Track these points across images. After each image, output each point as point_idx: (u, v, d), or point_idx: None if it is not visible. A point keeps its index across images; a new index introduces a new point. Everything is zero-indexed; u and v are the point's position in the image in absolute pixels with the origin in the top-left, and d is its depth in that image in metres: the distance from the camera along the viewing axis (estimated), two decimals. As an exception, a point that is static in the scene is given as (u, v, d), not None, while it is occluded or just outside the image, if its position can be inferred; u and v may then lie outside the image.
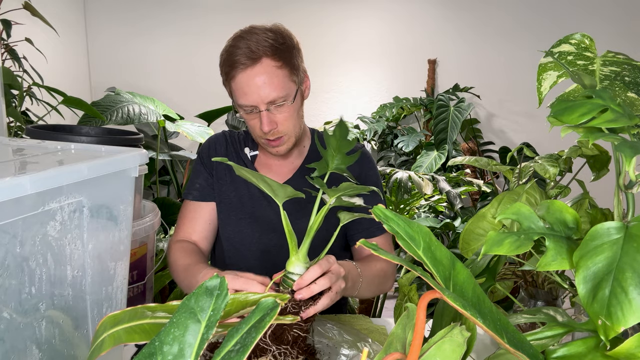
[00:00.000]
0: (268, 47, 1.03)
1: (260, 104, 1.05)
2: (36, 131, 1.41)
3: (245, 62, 1.02)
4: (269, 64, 1.03)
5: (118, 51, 3.42)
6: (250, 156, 1.24)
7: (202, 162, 1.24)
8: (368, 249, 0.44)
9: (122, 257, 0.84)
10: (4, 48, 2.13)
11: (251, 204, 1.20)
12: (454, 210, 2.23)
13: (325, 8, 3.31)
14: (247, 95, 1.05)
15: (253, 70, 1.03)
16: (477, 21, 3.24)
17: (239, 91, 1.06)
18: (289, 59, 1.06)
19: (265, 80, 1.03)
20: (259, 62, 1.02)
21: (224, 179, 1.22)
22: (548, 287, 0.93)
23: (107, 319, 0.44)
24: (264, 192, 1.19)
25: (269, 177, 0.82)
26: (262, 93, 1.04)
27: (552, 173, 0.97)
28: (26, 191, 0.60)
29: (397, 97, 3.26)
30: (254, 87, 1.03)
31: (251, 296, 0.51)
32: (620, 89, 0.61)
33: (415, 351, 0.37)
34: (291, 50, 1.08)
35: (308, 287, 0.79)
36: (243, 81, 1.04)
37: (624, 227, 0.46)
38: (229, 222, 1.21)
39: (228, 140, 1.26)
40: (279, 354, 0.74)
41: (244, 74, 1.03)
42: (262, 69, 1.03)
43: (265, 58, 1.03)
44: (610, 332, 0.41)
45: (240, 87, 1.05)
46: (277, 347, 0.75)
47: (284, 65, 1.05)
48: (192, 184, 1.23)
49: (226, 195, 1.21)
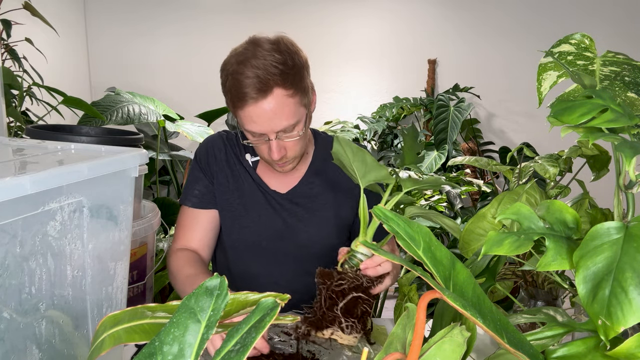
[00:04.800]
0: (278, 75, 0.96)
1: (270, 133, 1.00)
2: (36, 131, 1.41)
3: (255, 96, 0.96)
4: (280, 93, 0.97)
5: (118, 51, 3.42)
6: (251, 162, 1.19)
7: (200, 167, 1.19)
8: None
9: (122, 257, 0.84)
10: (4, 48, 2.13)
11: (256, 212, 1.17)
12: (454, 210, 2.23)
13: (325, 8, 3.31)
14: (256, 124, 1.00)
15: (264, 103, 0.96)
16: (477, 21, 3.24)
17: (247, 119, 1.00)
18: (299, 84, 1.00)
19: (276, 111, 0.97)
20: (270, 93, 0.96)
21: (226, 185, 1.18)
22: (548, 287, 0.93)
23: (107, 319, 0.44)
24: (270, 199, 1.18)
25: (370, 156, 0.84)
26: (273, 123, 0.99)
27: (552, 173, 0.97)
28: (26, 191, 0.60)
29: (397, 97, 3.26)
30: (264, 118, 0.98)
31: (251, 296, 0.51)
32: (620, 89, 0.61)
33: (415, 351, 0.37)
34: (301, 72, 1.01)
35: (374, 268, 0.83)
36: (252, 112, 0.98)
37: (624, 227, 0.46)
38: (233, 230, 1.18)
39: (226, 143, 1.21)
40: (346, 327, 0.78)
41: (254, 107, 0.97)
42: (273, 100, 0.96)
43: (276, 88, 0.96)
44: (610, 332, 0.41)
45: (248, 116, 0.99)
46: (346, 319, 0.78)
47: (295, 92, 0.99)
48: (190, 189, 1.19)
49: (229, 202, 1.18)
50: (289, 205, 1.18)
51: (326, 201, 1.19)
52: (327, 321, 0.78)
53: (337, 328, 0.78)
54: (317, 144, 1.23)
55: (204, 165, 1.19)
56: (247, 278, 1.20)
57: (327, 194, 1.19)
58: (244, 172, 1.19)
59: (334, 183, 1.20)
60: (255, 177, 1.19)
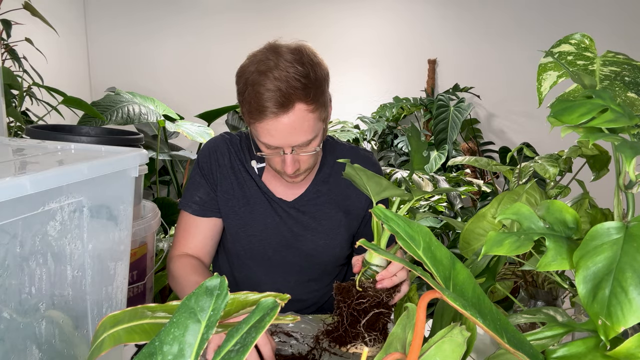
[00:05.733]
0: (301, 89, 0.92)
1: (286, 147, 0.98)
2: (36, 131, 1.41)
3: (275, 111, 0.92)
4: (301, 108, 0.94)
5: (118, 51, 3.42)
6: (257, 169, 1.15)
7: (202, 173, 1.15)
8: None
9: (122, 257, 0.84)
10: (4, 48, 2.13)
11: (262, 220, 1.14)
12: (454, 210, 2.23)
13: (325, 8, 3.31)
14: (273, 138, 0.97)
15: (285, 117, 0.93)
16: (477, 21, 3.24)
17: (264, 132, 0.97)
18: (320, 98, 0.97)
19: (295, 126, 0.95)
20: (291, 108, 0.93)
21: (231, 192, 1.14)
22: (548, 287, 0.93)
23: (107, 319, 0.44)
24: (276, 207, 1.16)
25: (385, 180, 0.85)
26: (291, 138, 0.96)
27: (552, 173, 0.97)
28: (26, 191, 0.60)
29: (397, 97, 3.26)
30: (283, 133, 0.95)
31: (251, 296, 0.51)
32: (620, 89, 0.61)
33: (415, 351, 0.37)
34: (323, 86, 0.98)
35: (390, 279, 0.83)
36: (271, 127, 0.95)
37: (624, 227, 0.46)
38: (239, 238, 1.15)
39: (231, 149, 1.16)
40: (369, 340, 0.80)
41: (274, 121, 0.94)
42: (293, 115, 0.94)
43: (298, 103, 0.93)
44: (611, 332, 0.41)
45: (266, 129, 0.96)
46: (369, 334, 0.80)
47: (316, 107, 0.96)
48: (190, 195, 1.15)
49: (235, 210, 1.14)
50: (295, 214, 1.15)
51: (333, 209, 1.16)
52: (350, 337, 0.81)
53: (360, 342, 0.80)
54: (325, 149, 1.18)
55: (206, 172, 1.15)
56: (249, 285, 1.18)
57: (333, 203, 1.16)
58: (249, 180, 1.15)
59: (341, 191, 1.17)
60: (261, 184, 1.15)
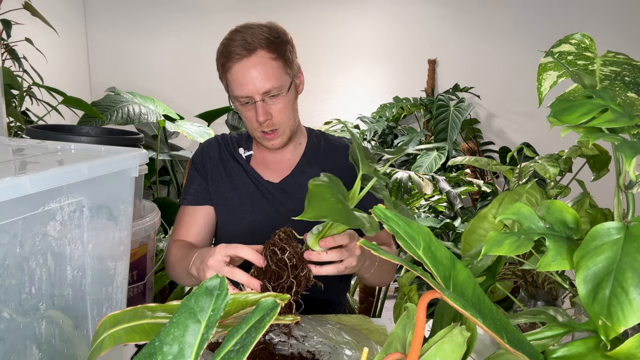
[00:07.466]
0: (263, 39, 1.08)
1: (255, 95, 1.09)
2: (36, 131, 1.41)
3: (240, 53, 1.07)
4: (263, 55, 1.07)
5: (118, 51, 3.42)
6: (245, 156, 1.26)
7: (195, 168, 1.26)
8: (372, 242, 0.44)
9: (122, 257, 0.84)
10: (4, 48, 2.13)
11: (249, 203, 1.21)
12: (454, 210, 2.23)
13: (325, 8, 3.31)
14: (242, 86, 1.08)
15: (248, 61, 1.07)
16: (477, 21, 3.24)
17: (235, 82, 1.09)
18: (283, 52, 1.11)
19: (260, 71, 1.07)
20: (254, 53, 1.07)
21: (220, 180, 1.24)
22: (548, 287, 0.93)
23: (107, 319, 0.44)
24: (263, 190, 1.21)
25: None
26: (258, 83, 1.07)
27: (552, 173, 0.97)
28: (26, 191, 0.60)
29: (397, 97, 3.26)
30: (249, 78, 1.07)
31: (251, 296, 0.51)
32: (620, 89, 0.61)
33: (415, 351, 0.37)
34: (285, 45, 1.12)
35: (318, 253, 0.81)
36: (239, 72, 1.08)
37: (624, 227, 0.46)
38: (229, 222, 1.22)
39: (221, 144, 1.28)
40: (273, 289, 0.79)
41: (240, 65, 1.07)
42: (257, 60, 1.07)
43: (260, 50, 1.07)
44: (611, 333, 0.41)
45: (235, 78, 1.09)
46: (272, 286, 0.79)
47: (279, 57, 1.09)
48: (186, 190, 1.26)
49: (224, 196, 1.23)
50: (281, 195, 1.22)
51: None
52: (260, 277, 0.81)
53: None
54: (310, 138, 1.29)
55: (198, 165, 1.26)
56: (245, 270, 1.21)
57: None
58: (237, 166, 1.25)
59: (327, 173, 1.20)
60: (249, 169, 1.24)
